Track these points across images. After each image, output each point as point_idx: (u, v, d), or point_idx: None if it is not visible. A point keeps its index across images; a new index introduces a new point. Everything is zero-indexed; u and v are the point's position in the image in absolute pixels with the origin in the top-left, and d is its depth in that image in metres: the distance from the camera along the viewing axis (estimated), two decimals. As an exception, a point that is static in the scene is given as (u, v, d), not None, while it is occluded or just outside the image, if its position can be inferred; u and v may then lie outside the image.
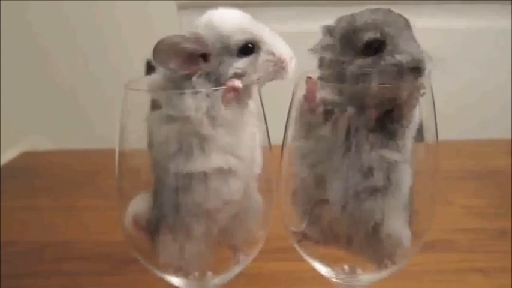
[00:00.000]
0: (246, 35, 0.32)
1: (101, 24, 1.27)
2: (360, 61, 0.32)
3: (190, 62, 0.32)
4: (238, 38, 0.32)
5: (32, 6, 1.19)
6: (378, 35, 0.32)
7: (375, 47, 0.32)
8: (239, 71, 0.32)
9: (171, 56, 0.31)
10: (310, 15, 1.16)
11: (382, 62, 0.31)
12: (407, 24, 0.33)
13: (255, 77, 0.33)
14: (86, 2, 1.21)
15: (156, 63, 0.32)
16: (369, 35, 0.32)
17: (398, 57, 0.31)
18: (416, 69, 0.31)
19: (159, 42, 0.31)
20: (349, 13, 0.34)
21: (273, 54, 0.33)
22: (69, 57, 1.28)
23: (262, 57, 0.33)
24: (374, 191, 0.33)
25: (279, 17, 1.32)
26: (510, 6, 1.30)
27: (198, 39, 0.32)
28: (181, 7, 1.35)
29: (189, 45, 0.31)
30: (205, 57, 0.32)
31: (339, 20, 0.34)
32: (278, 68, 0.33)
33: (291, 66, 0.33)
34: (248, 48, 0.32)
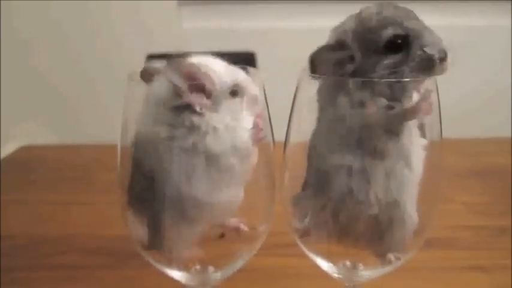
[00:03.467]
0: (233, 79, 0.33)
1: (98, 20, 1.26)
2: (387, 61, 0.31)
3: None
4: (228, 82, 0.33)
5: (29, 4, 1.18)
6: (399, 30, 0.30)
7: (398, 44, 0.31)
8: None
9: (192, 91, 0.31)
10: (317, 12, 1.16)
11: (413, 58, 0.31)
12: (415, 15, 0.32)
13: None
14: (81, 2, 1.20)
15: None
16: (389, 32, 0.30)
17: (428, 50, 0.31)
18: (444, 60, 0.31)
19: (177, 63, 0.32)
20: (353, 11, 0.33)
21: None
22: (66, 53, 1.27)
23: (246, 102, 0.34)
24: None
25: (286, 13, 1.31)
26: (510, 5, 1.30)
27: (209, 77, 0.32)
28: (181, 4, 1.34)
29: (209, 83, 0.32)
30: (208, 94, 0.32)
31: (344, 24, 0.33)
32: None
33: None
34: (235, 92, 0.33)
